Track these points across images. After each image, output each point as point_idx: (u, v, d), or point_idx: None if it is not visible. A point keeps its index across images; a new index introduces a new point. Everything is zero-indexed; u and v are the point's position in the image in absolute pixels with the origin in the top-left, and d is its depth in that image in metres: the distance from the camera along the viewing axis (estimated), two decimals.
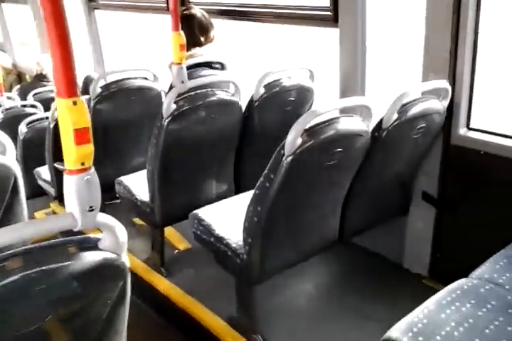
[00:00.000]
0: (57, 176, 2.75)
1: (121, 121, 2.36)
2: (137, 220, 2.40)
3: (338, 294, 1.79)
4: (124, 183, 2.07)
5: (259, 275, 1.51)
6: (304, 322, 1.68)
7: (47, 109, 3.77)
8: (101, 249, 0.86)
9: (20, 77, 5.59)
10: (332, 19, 2.21)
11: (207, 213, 1.68)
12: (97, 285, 0.88)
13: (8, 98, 3.95)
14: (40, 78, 4.62)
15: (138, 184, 2.06)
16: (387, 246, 1.92)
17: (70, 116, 0.78)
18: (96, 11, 4.24)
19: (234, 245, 1.52)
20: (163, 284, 1.94)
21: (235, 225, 1.58)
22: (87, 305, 0.89)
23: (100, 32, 4.33)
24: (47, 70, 4.62)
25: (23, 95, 4.18)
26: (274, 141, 2.14)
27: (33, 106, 3.76)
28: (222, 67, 2.67)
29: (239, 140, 2.03)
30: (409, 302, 1.16)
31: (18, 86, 4.73)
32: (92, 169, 0.83)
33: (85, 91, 3.96)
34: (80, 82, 4.12)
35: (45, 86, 4.33)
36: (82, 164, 0.81)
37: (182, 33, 2.00)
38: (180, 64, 2.02)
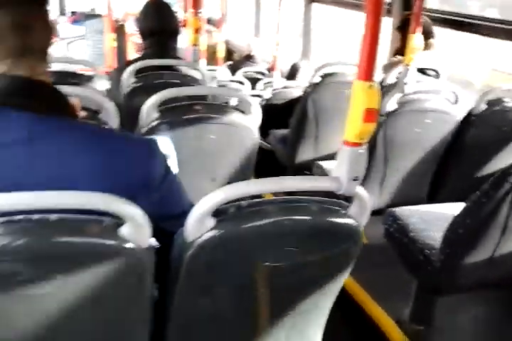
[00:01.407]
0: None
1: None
2: None
3: None
4: (323, 167, 2.22)
5: (447, 288, 1.52)
6: None
7: (252, 87, 4.14)
8: (348, 215, 0.98)
9: (229, 53, 6.14)
10: None
11: (404, 213, 1.73)
12: (334, 244, 1.01)
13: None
14: (248, 58, 5.04)
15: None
16: None
17: (365, 97, 0.90)
18: (313, 3, 4.45)
19: (427, 251, 1.55)
20: None
21: (431, 231, 1.61)
22: (320, 259, 1.02)
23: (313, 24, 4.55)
24: (255, 52, 5.02)
25: (232, 71, 4.61)
26: (485, 159, 2.11)
27: (240, 82, 4.15)
28: (437, 75, 2.66)
29: (446, 149, 2.03)
30: None
31: (229, 62, 5.21)
32: (365, 145, 0.95)
33: (291, 77, 4.25)
34: (285, 67, 4.42)
35: (251, 66, 4.73)
36: (361, 139, 0.93)
37: (421, 36, 2.05)
38: (408, 65, 2.09)
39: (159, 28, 2.22)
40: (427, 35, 2.66)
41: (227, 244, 0.89)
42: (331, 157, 2.40)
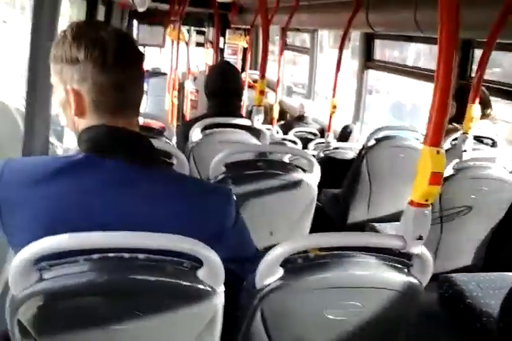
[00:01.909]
0: None
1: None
2: None
3: None
4: (376, 229, 2.24)
5: None
6: None
7: (304, 147, 4.25)
8: (411, 274, 1.00)
9: (282, 113, 6.37)
10: None
11: (460, 279, 1.71)
12: (393, 302, 1.02)
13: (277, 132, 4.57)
14: (300, 119, 5.22)
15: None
16: None
17: (431, 162, 0.96)
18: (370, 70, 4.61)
19: (485, 319, 1.51)
20: None
21: (488, 299, 1.58)
22: (377, 318, 1.03)
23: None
24: (307, 113, 5.20)
25: (284, 131, 4.77)
26: None
27: (293, 141, 4.28)
28: (493, 143, 2.67)
29: (503, 217, 2.01)
30: None
31: (282, 122, 5.39)
32: (430, 207, 0.99)
33: (342, 138, 4.35)
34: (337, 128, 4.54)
35: (303, 126, 4.89)
36: (426, 200, 0.98)
37: (478, 106, 2.11)
38: (466, 134, 2.13)
39: (224, 89, 2.39)
40: (484, 105, 2.71)
41: (292, 294, 0.93)
42: (384, 219, 2.41)
